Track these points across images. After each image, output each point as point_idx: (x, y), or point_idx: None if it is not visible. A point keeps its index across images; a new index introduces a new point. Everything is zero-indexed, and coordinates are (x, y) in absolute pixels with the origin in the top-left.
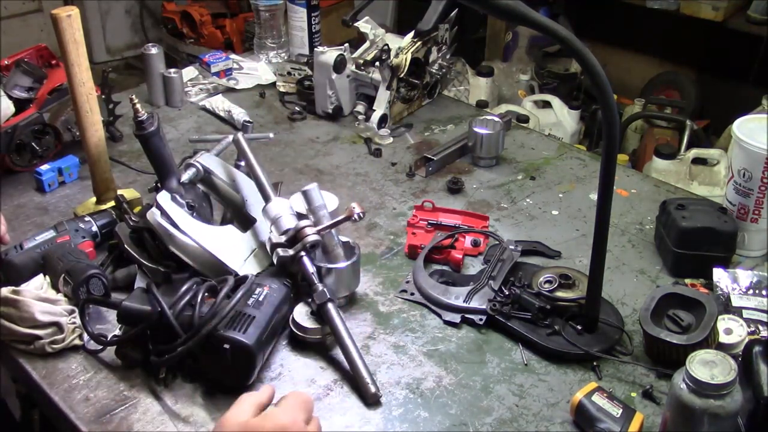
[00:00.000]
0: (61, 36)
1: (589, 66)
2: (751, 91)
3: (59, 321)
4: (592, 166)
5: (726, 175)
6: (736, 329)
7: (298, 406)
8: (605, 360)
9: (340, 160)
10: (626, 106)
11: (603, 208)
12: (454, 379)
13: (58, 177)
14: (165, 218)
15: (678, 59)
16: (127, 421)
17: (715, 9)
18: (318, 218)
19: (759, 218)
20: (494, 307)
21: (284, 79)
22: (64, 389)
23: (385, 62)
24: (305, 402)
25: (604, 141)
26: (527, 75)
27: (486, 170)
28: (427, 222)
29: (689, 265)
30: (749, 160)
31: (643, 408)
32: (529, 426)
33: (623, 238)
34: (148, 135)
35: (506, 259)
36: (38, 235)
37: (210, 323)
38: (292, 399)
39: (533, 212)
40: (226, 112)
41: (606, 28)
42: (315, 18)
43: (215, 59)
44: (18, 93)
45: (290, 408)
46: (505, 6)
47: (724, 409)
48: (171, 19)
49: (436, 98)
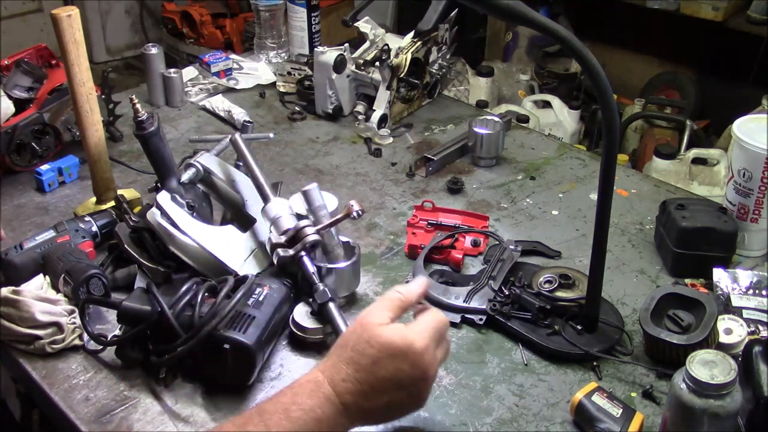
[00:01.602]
0: (61, 36)
1: (589, 66)
2: (751, 91)
3: (59, 321)
4: (592, 166)
5: (726, 175)
6: (736, 329)
7: (434, 329)
8: (605, 360)
9: (340, 160)
10: (626, 106)
11: (603, 208)
12: (454, 379)
13: (58, 177)
14: (165, 218)
15: (678, 59)
16: (127, 421)
17: (715, 9)
18: (318, 218)
19: (759, 218)
20: (494, 307)
21: (284, 79)
22: (64, 389)
23: (385, 62)
24: (441, 325)
25: (604, 141)
26: (527, 75)
27: (486, 170)
28: (427, 222)
29: (689, 265)
30: (749, 160)
31: (643, 408)
32: (529, 426)
33: (623, 238)
34: (148, 135)
35: (506, 259)
36: (38, 235)
37: (210, 323)
38: (429, 320)
39: (533, 212)
40: (226, 112)
41: (606, 28)
42: (315, 18)
43: (215, 59)
44: (18, 93)
45: (426, 330)
46: (505, 6)
47: (724, 409)
48: (171, 19)
49: (436, 98)
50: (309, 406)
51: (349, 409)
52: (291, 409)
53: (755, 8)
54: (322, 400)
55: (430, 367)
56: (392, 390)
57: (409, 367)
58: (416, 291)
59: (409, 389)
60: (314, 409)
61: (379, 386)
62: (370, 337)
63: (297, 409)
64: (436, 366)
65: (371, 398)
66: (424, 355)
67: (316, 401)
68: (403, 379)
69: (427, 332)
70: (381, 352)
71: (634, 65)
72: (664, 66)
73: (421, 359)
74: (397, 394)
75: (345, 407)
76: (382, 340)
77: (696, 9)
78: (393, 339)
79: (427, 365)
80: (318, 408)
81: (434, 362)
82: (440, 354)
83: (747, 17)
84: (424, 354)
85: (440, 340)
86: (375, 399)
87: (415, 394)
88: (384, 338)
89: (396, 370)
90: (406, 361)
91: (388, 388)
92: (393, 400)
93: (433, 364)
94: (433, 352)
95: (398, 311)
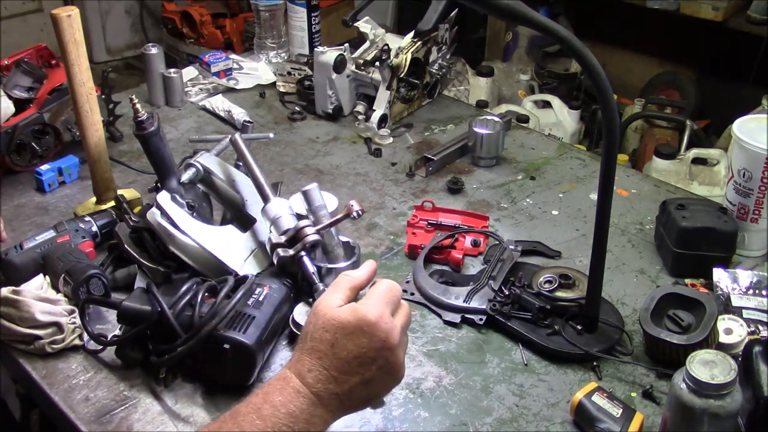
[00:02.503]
0: (61, 36)
1: (589, 66)
2: (751, 91)
3: (59, 321)
4: (592, 166)
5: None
6: (736, 329)
7: (384, 298)
8: (605, 360)
9: (340, 160)
10: (626, 106)
11: (603, 208)
12: (454, 379)
13: (58, 177)
14: (165, 218)
15: (678, 59)
16: (127, 421)
17: (715, 9)
18: (318, 218)
19: (759, 218)
20: (494, 307)
21: (284, 79)
22: (64, 389)
23: (385, 62)
24: (391, 292)
25: (604, 141)
26: (527, 75)
27: (486, 170)
28: (427, 222)
29: (689, 265)
30: (749, 160)
31: (643, 408)
32: (529, 426)
33: (623, 238)
34: (148, 135)
35: (506, 259)
36: (38, 235)
37: (210, 323)
38: (378, 291)
39: (533, 212)
40: (226, 112)
41: (606, 28)
42: (315, 18)
43: (215, 59)
44: (18, 93)
45: (377, 301)
46: (505, 6)
47: (724, 409)
48: (171, 19)
49: (436, 98)
50: (280, 403)
51: (323, 399)
52: (262, 408)
53: (755, 8)
54: (293, 395)
55: (389, 335)
56: (360, 368)
57: (368, 341)
58: (365, 271)
59: (378, 362)
60: (285, 404)
61: (346, 368)
62: (324, 322)
63: (268, 407)
64: (396, 333)
65: (342, 382)
66: (379, 324)
67: (286, 397)
68: (367, 354)
69: (378, 302)
70: (337, 334)
71: (634, 65)
72: (664, 66)
73: (377, 330)
74: (367, 371)
75: (318, 397)
76: (336, 322)
77: (696, 9)
78: (345, 318)
79: (385, 334)
80: (289, 403)
81: (393, 329)
82: (400, 320)
83: (747, 17)
84: (379, 323)
85: (395, 306)
86: (345, 382)
87: (385, 366)
88: (337, 320)
89: (356, 347)
90: (363, 335)
91: (354, 367)
92: (365, 377)
93: (392, 332)
94: (388, 319)
95: (349, 293)
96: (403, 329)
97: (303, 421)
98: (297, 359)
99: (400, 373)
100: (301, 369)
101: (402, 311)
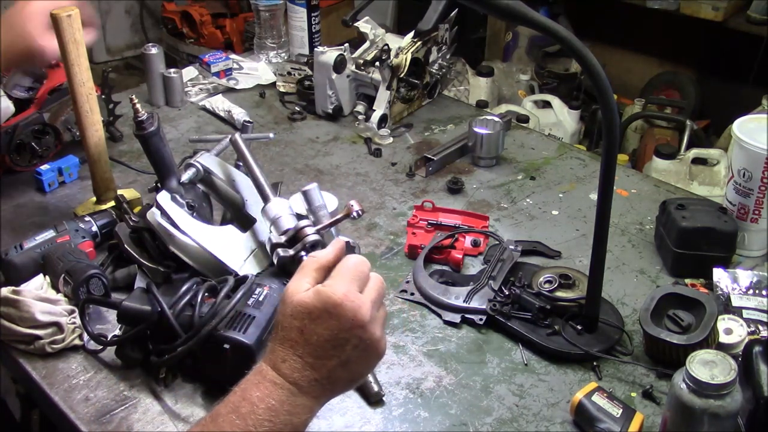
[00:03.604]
0: (61, 36)
1: (589, 66)
2: (751, 91)
3: (59, 321)
4: (592, 166)
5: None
6: (736, 329)
7: (350, 274)
8: (605, 360)
9: (340, 160)
10: (626, 106)
11: (603, 208)
12: (454, 379)
13: (58, 177)
14: (165, 218)
15: (678, 59)
16: (127, 421)
17: (715, 9)
18: (318, 219)
19: (759, 218)
20: (494, 307)
21: (284, 79)
22: (64, 389)
23: (385, 62)
24: (358, 268)
25: (604, 141)
26: (527, 75)
27: (486, 170)
28: (427, 222)
29: (689, 265)
30: (749, 160)
31: (643, 408)
32: (529, 426)
33: (623, 238)
34: (148, 135)
35: (506, 259)
36: (38, 235)
37: (210, 323)
38: (343, 268)
39: (533, 212)
40: (226, 112)
41: (606, 28)
42: (315, 18)
43: (215, 59)
44: (18, 93)
45: (341, 280)
46: (505, 6)
47: (724, 409)
48: (171, 19)
49: (436, 98)
50: (258, 398)
51: (302, 387)
52: (240, 405)
53: (755, 8)
54: (270, 388)
55: (358, 312)
56: (334, 350)
57: (336, 322)
58: (331, 250)
59: (351, 342)
60: (263, 399)
61: (319, 353)
62: (291, 309)
63: (246, 404)
64: (365, 309)
65: (318, 367)
66: (344, 303)
67: (264, 391)
68: (338, 336)
69: (341, 281)
70: (304, 320)
71: (634, 65)
72: (664, 66)
73: (343, 309)
74: (342, 352)
75: (297, 386)
76: (302, 308)
77: (696, 9)
78: (310, 302)
79: (354, 312)
80: (267, 397)
81: (362, 305)
82: (370, 295)
83: (747, 17)
84: (345, 302)
85: (362, 281)
86: (322, 366)
87: (361, 345)
88: (302, 305)
89: (326, 330)
90: (331, 317)
91: (328, 350)
92: (342, 359)
93: (359, 309)
94: (355, 296)
95: (316, 274)
96: (374, 303)
97: (284, 413)
98: (270, 350)
99: (380, 349)
100: (275, 360)
101: (372, 285)
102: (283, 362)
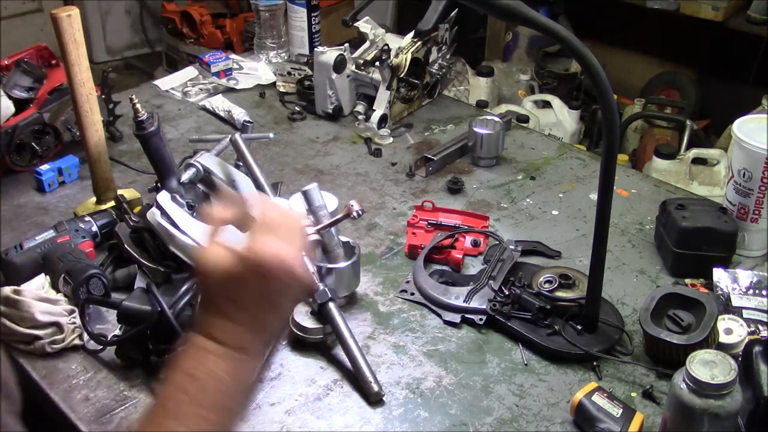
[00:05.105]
0: (61, 36)
1: (589, 66)
2: (751, 91)
3: (59, 321)
4: (592, 166)
5: (726, 175)
6: (736, 329)
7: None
8: (605, 360)
9: (340, 160)
10: (626, 106)
11: (603, 208)
12: (454, 379)
13: (58, 177)
14: (165, 218)
15: (678, 59)
16: (127, 421)
17: (715, 9)
18: (318, 218)
19: (759, 218)
20: (494, 307)
21: (284, 79)
22: (64, 389)
23: (385, 62)
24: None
25: (604, 141)
26: (527, 75)
27: (486, 170)
28: (427, 222)
29: (689, 265)
30: (749, 160)
31: (643, 408)
32: (529, 426)
33: (623, 238)
34: (148, 135)
35: (506, 259)
36: (38, 235)
37: None
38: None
39: (533, 212)
40: (226, 112)
41: (606, 28)
42: (315, 18)
43: (215, 59)
44: (18, 93)
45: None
46: (505, 6)
47: (724, 409)
48: (171, 19)
49: (436, 98)
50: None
51: (247, 350)
52: (188, 388)
53: (755, 8)
54: (217, 361)
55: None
56: (268, 304)
57: (264, 279)
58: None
59: (281, 291)
60: (212, 374)
61: (254, 311)
62: (216, 281)
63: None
64: (289, 255)
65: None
66: (268, 260)
67: (211, 366)
68: (269, 290)
69: (259, 237)
70: (234, 287)
71: (634, 65)
72: (664, 66)
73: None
74: (275, 302)
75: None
76: (228, 277)
77: (696, 9)
78: (234, 270)
79: (279, 264)
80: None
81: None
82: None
83: (747, 17)
84: (268, 259)
85: (276, 225)
86: (260, 322)
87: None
88: (227, 274)
89: (256, 290)
90: (257, 277)
91: (263, 307)
92: (275, 307)
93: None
94: (275, 248)
95: (226, 234)
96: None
97: (236, 380)
98: (206, 323)
99: (307, 284)
100: (213, 332)
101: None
102: (223, 332)
